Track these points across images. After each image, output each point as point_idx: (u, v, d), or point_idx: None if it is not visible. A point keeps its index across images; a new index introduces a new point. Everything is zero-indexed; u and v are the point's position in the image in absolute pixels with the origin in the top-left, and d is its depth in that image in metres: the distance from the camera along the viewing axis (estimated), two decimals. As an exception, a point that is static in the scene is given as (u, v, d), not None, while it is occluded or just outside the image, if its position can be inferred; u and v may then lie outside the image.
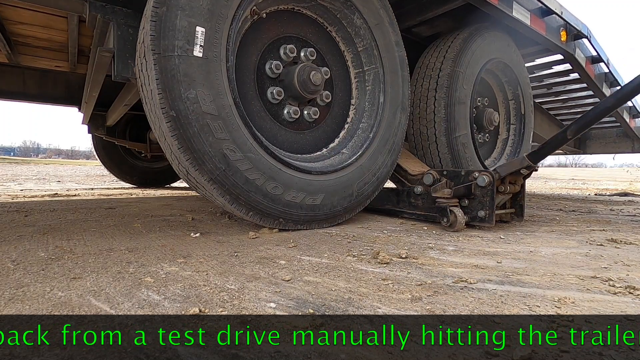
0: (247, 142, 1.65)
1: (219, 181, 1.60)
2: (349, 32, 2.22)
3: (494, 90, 3.51)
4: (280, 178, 1.75)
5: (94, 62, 2.26)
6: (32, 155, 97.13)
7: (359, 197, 2.10)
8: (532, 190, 6.45)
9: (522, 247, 1.62)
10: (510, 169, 1.98)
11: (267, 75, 1.97)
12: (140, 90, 1.66)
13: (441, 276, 1.16)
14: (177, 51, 1.47)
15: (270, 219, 1.78)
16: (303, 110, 2.09)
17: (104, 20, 1.78)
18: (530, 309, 0.90)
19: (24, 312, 0.82)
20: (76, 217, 2.21)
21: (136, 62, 1.65)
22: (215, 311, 0.85)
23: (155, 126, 1.62)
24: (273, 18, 2.00)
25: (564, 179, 12.79)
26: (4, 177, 7.52)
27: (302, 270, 1.20)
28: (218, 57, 1.58)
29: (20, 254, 1.30)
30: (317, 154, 2.14)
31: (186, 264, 1.23)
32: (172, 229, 1.86)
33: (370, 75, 2.27)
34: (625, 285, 1.08)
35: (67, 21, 2.80)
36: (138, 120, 5.04)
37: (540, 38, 3.24)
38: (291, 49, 2.01)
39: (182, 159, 1.55)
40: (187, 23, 1.50)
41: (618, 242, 1.73)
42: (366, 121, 2.24)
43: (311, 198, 1.86)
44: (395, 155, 2.30)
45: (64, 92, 4.20)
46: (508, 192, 2.04)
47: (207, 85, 1.54)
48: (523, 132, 3.55)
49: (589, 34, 3.57)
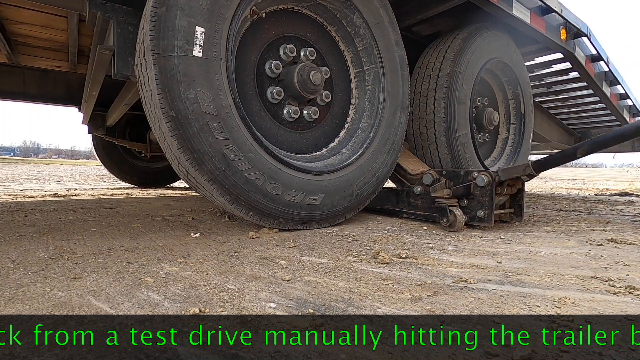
0: (247, 142, 1.65)
1: (219, 181, 1.60)
2: (349, 31, 2.22)
3: (493, 89, 3.51)
4: (280, 178, 1.75)
5: (94, 60, 2.26)
6: (32, 155, 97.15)
7: (359, 197, 2.10)
8: (532, 190, 6.45)
9: (522, 247, 1.62)
10: (512, 174, 1.99)
11: (266, 75, 1.97)
12: (140, 90, 1.66)
13: (441, 276, 1.16)
14: (176, 51, 1.47)
15: (270, 219, 1.78)
16: (303, 110, 2.09)
17: (103, 18, 1.77)
18: (530, 309, 0.90)
19: (24, 312, 0.82)
20: (76, 217, 2.21)
21: (136, 62, 1.65)
22: (215, 311, 0.85)
23: (155, 126, 1.62)
24: (273, 18, 1.99)
25: (563, 179, 12.79)
26: (4, 177, 7.52)
27: (302, 270, 1.20)
28: (218, 57, 1.58)
29: (20, 254, 1.30)
30: (317, 154, 2.14)
31: (186, 264, 1.23)
32: (172, 229, 1.86)
33: (370, 74, 2.27)
34: (625, 285, 1.08)
35: (67, 21, 2.81)
36: (138, 120, 5.04)
37: (540, 36, 3.24)
38: (291, 48, 2.01)
39: (182, 159, 1.55)
40: (187, 23, 1.50)
41: (618, 242, 1.73)
42: (366, 121, 2.24)
43: (311, 198, 1.86)
44: (395, 154, 2.30)
45: (64, 92, 4.20)
46: (505, 194, 2.06)
47: (207, 85, 1.54)
48: (523, 131, 3.55)
49: (588, 33, 3.57)
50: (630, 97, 4.72)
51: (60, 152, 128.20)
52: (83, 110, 4.24)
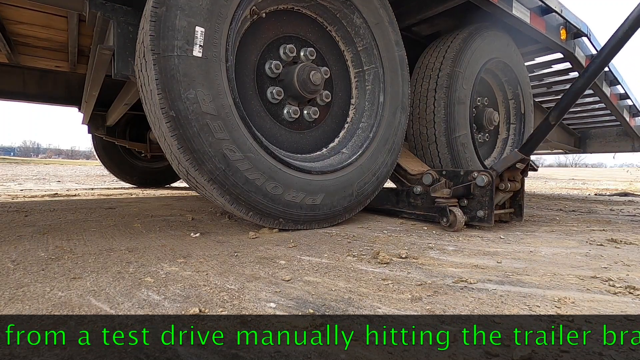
0: (247, 142, 1.65)
1: (219, 181, 1.60)
2: (349, 31, 2.22)
3: (493, 89, 3.51)
4: (280, 178, 1.75)
5: (94, 60, 2.26)
6: (32, 155, 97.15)
7: (359, 197, 2.10)
8: (532, 190, 6.45)
9: (522, 247, 1.62)
10: (506, 164, 2.00)
11: (266, 75, 1.97)
12: (140, 90, 1.66)
13: (441, 276, 1.16)
14: (176, 51, 1.47)
15: (270, 219, 1.78)
16: (303, 110, 2.09)
17: (103, 18, 1.77)
18: (530, 309, 0.90)
19: (24, 312, 0.82)
20: (76, 217, 2.21)
21: (136, 62, 1.65)
22: (215, 311, 0.85)
23: (155, 126, 1.62)
24: (272, 18, 1.99)
25: (564, 179, 12.79)
26: (4, 177, 7.52)
27: (302, 270, 1.20)
28: (217, 57, 1.58)
29: (20, 254, 1.30)
30: (317, 154, 2.14)
31: (186, 264, 1.23)
32: (172, 229, 1.86)
33: (370, 74, 2.27)
34: (625, 285, 1.08)
35: (67, 20, 2.81)
36: (138, 120, 5.04)
37: (540, 36, 3.24)
38: (291, 48, 2.01)
39: (182, 159, 1.55)
40: (187, 23, 1.50)
41: (618, 242, 1.73)
42: (366, 121, 2.24)
43: (311, 198, 1.86)
44: (396, 154, 2.30)
45: (64, 92, 4.20)
46: (509, 190, 2.05)
47: (207, 85, 1.54)
48: (523, 131, 3.55)
49: (588, 32, 3.57)
50: (630, 97, 4.71)
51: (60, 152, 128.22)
52: (83, 110, 4.25)
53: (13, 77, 3.90)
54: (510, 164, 1.99)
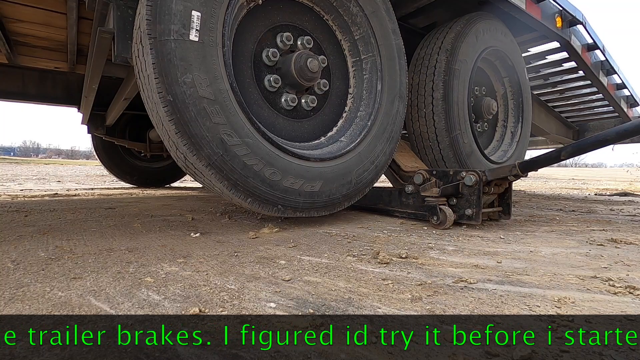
0: (245, 127, 1.64)
1: (217, 166, 1.59)
2: (346, 20, 2.21)
3: (491, 78, 3.52)
4: (279, 164, 1.74)
5: (94, 46, 2.23)
6: (32, 155, 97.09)
7: (358, 185, 2.10)
8: (532, 190, 6.45)
9: (522, 247, 1.62)
10: (498, 174, 2.03)
11: (264, 63, 1.97)
12: (138, 77, 1.66)
13: (441, 276, 1.16)
14: (173, 35, 1.47)
15: (269, 206, 1.77)
16: (301, 99, 2.08)
17: (103, 1, 1.77)
18: (530, 309, 0.90)
19: (24, 312, 0.82)
20: (76, 217, 2.21)
21: (133, 48, 1.64)
22: (215, 311, 0.85)
23: (152, 112, 1.62)
24: (269, 6, 1.99)
25: (564, 179, 12.79)
26: (4, 177, 7.52)
27: (302, 270, 1.20)
28: (214, 42, 1.58)
29: (20, 254, 1.30)
30: (315, 142, 2.14)
31: (186, 264, 1.23)
32: (172, 229, 1.86)
33: (368, 63, 2.27)
34: (625, 285, 1.08)
35: (66, 17, 2.80)
36: (137, 120, 5.05)
37: (536, 24, 3.24)
38: (288, 37, 2.01)
39: (179, 144, 1.54)
40: (183, 7, 1.49)
41: (618, 242, 1.73)
42: (364, 109, 2.24)
43: (310, 185, 1.85)
44: (394, 143, 2.30)
45: (63, 92, 4.20)
46: (492, 193, 2.10)
47: (204, 69, 1.54)
48: (522, 118, 3.56)
49: (584, 20, 3.57)
50: (627, 87, 4.71)
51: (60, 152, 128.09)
52: (83, 109, 4.25)
53: (13, 77, 3.91)
54: (502, 176, 2.02)
